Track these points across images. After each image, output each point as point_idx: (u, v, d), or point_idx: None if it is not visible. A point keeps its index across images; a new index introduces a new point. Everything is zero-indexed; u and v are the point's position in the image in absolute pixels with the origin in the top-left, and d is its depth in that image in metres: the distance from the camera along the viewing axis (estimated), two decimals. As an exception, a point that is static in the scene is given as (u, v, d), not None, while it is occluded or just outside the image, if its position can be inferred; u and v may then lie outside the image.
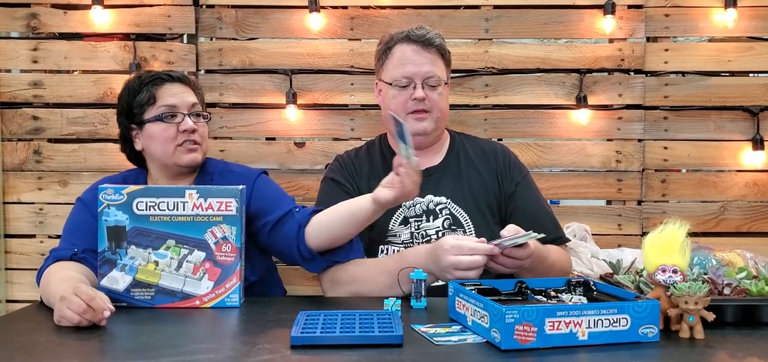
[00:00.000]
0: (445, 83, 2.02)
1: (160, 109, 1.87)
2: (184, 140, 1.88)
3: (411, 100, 1.96)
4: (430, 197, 1.97)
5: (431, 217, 1.95)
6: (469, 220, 1.95)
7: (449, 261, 1.63)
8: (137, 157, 1.97)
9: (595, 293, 1.51)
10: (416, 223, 1.94)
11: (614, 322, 1.30)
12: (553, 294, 1.50)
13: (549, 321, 1.26)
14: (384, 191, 1.66)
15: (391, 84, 1.99)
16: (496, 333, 1.27)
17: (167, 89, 1.89)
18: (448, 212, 1.96)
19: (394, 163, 1.64)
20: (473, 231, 1.93)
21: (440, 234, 1.92)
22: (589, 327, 1.28)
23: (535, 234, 1.64)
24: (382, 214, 1.75)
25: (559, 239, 2.02)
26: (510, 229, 1.67)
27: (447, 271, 1.64)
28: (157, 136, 1.87)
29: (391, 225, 1.94)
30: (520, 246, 1.65)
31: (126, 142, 1.96)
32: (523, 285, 1.52)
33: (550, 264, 1.83)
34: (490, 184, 2.01)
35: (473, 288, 1.49)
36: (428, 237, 1.93)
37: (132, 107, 1.89)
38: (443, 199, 1.97)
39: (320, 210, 1.81)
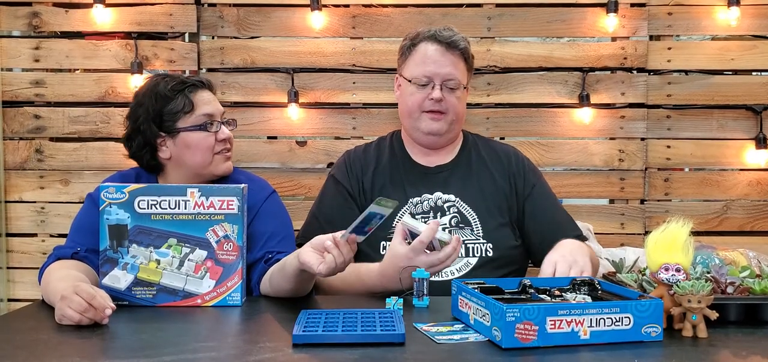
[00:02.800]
0: (464, 87, 2.01)
1: (199, 118, 1.84)
2: (221, 149, 1.86)
3: (428, 99, 1.96)
4: (438, 194, 1.97)
5: (439, 214, 1.95)
6: (476, 219, 1.95)
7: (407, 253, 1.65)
8: (156, 165, 1.88)
9: (599, 292, 1.50)
10: (423, 220, 1.94)
11: (616, 321, 1.29)
12: (557, 293, 1.48)
13: (550, 320, 1.26)
14: (309, 255, 1.52)
15: (410, 81, 1.99)
16: (497, 331, 1.26)
17: (202, 97, 1.86)
18: (455, 210, 1.95)
19: (343, 236, 1.52)
20: (481, 230, 1.93)
21: (448, 231, 1.92)
22: (591, 326, 1.28)
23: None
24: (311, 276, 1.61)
25: (577, 238, 1.99)
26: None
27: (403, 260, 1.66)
28: (197, 145, 1.83)
29: (394, 223, 1.93)
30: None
31: (147, 149, 1.85)
32: (528, 284, 1.51)
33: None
34: (501, 185, 2.00)
35: (476, 286, 1.48)
36: None
37: (162, 114, 1.83)
38: (452, 197, 1.97)
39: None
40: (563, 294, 1.49)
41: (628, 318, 1.29)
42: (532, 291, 1.49)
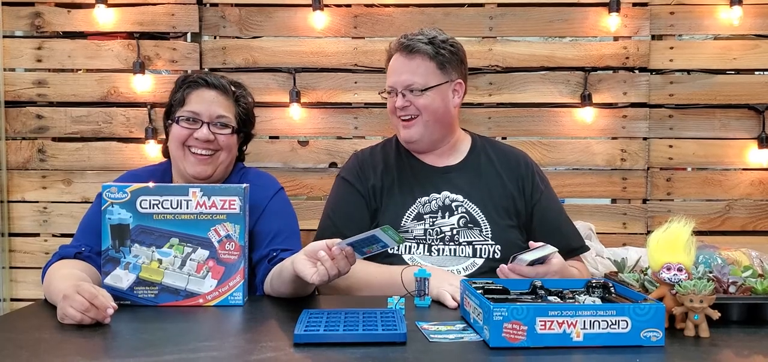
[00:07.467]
0: (445, 83, 1.96)
1: (184, 112, 1.86)
2: (198, 150, 1.84)
3: (395, 107, 1.98)
4: (446, 193, 1.97)
5: (447, 213, 1.94)
6: (485, 220, 1.94)
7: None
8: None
9: (613, 295, 1.45)
10: (431, 219, 1.93)
11: (612, 324, 1.25)
12: (569, 295, 1.45)
13: (540, 321, 1.23)
14: (302, 263, 1.52)
15: (389, 92, 2.02)
16: (487, 330, 1.26)
17: (199, 94, 1.87)
18: (464, 210, 1.95)
19: (338, 249, 1.51)
20: (489, 231, 1.92)
21: (455, 231, 1.91)
22: (584, 328, 1.25)
23: (552, 248, 1.63)
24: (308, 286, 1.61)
25: (581, 249, 2.02)
26: (532, 245, 1.65)
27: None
28: (172, 136, 1.87)
29: (403, 221, 1.93)
30: (540, 261, 1.62)
31: (166, 137, 1.94)
32: (538, 285, 1.48)
33: None
34: (510, 188, 1.99)
35: (484, 285, 1.47)
36: (442, 234, 1.91)
37: (171, 104, 1.90)
38: (460, 197, 1.96)
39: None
40: (576, 296, 1.45)
41: (626, 321, 1.25)
42: (543, 292, 1.46)
